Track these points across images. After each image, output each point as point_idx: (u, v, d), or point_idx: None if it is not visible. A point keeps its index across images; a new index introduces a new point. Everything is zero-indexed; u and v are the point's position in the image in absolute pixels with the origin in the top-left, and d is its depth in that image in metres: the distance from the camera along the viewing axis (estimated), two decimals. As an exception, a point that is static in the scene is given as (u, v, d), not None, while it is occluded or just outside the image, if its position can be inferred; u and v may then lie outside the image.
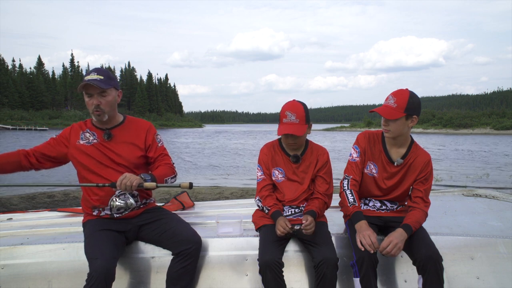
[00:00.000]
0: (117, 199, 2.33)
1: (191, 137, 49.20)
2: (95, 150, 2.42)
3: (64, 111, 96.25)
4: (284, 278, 2.22)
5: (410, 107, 2.31)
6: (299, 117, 2.41)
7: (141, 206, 2.49)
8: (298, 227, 2.29)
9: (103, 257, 2.12)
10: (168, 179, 2.42)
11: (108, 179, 2.36)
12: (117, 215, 2.39)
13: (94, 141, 2.44)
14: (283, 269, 2.21)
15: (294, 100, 2.50)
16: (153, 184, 2.30)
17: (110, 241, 2.26)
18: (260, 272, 2.21)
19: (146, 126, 2.54)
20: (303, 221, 2.28)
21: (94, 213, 2.42)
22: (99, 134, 2.46)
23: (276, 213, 2.39)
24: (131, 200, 2.35)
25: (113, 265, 2.13)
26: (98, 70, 2.38)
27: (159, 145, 2.52)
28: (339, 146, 30.33)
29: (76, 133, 2.47)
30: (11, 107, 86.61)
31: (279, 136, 2.55)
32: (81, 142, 2.44)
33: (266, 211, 2.45)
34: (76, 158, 2.43)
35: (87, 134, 2.46)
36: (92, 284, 2.02)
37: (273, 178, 2.55)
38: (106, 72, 2.39)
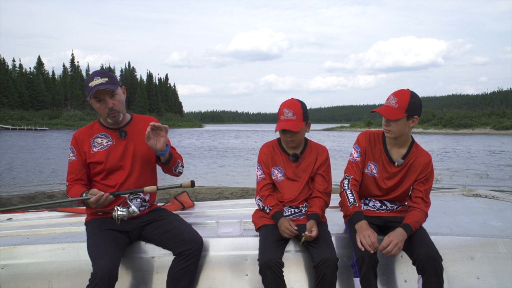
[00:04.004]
0: (119, 208, 2.27)
1: (191, 138, 49.24)
2: (112, 152, 2.39)
3: (64, 111, 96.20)
4: (284, 278, 2.22)
5: (412, 107, 2.31)
6: (296, 114, 2.42)
7: (146, 208, 2.50)
8: (303, 234, 2.29)
9: (107, 256, 2.12)
10: (180, 163, 2.49)
11: (117, 182, 2.37)
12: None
13: (110, 143, 2.41)
14: (283, 269, 2.21)
15: (292, 98, 2.51)
16: (154, 187, 2.35)
17: (113, 241, 2.26)
18: (260, 272, 2.21)
19: (153, 121, 2.55)
20: (307, 232, 2.28)
21: (99, 213, 2.42)
22: (113, 134, 2.43)
23: (278, 214, 2.39)
24: (134, 208, 2.30)
25: (116, 265, 2.12)
26: (100, 73, 2.34)
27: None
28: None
29: (86, 142, 2.41)
30: (11, 107, 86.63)
31: (279, 136, 2.56)
32: (95, 149, 2.40)
33: (268, 210, 2.45)
34: (91, 168, 2.41)
35: (99, 139, 2.42)
36: (96, 284, 2.01)
37: (273, 178, 2.55)
38: (107, 73, 2.37)
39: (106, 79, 2.31)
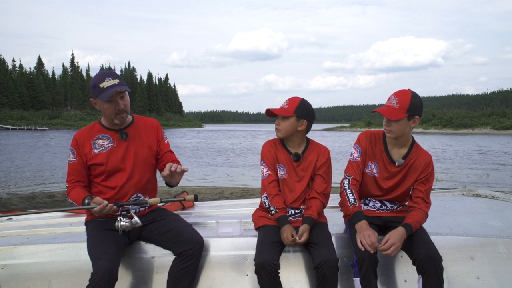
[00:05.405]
0: (122, 219, 2.26)
1: (191, 138, 49.21)
2: (113, 154, 2.38)
3: (64, 111, 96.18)
4: (284, 278, 2.22)
5: (413, 107, 2.31)
6: (289, 105, 2.49)
7: (146, 208, 2.50)
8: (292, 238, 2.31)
9: (107, 257, 2.12)
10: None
11: (118, 184, 2.37)
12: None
13: (111, 144, 2.40)
14: (279, 271, 2.20)
15: (301, 98, 2.53)
16: (157, 199, 2.37)
17: (113, 241, 2.25)
18: (256, 272, 2.20)
19: (154, 124, 2.57)
20: (297, 237, 2.30)
21: None
22: (114, 136, 2.42)
23: (283, 219, 2.38)
24: (136, 219, 2.27)
25: (116, 265, 2.13)
26: (110, 74, 2.32)
27: (166, 141, 2.57)
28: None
29: (86, 144, 2.39)
30: (11, 107, 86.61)
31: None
32: (96, 151, 2.38)
33: (273, 211, 2.44)
34: (92, 170, 2.41)
35: (100, 141, 2.40)
36: (96, 284, 2.02)
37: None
38: (116, 74, 2.36)
39: (118, 80, 2.30)
